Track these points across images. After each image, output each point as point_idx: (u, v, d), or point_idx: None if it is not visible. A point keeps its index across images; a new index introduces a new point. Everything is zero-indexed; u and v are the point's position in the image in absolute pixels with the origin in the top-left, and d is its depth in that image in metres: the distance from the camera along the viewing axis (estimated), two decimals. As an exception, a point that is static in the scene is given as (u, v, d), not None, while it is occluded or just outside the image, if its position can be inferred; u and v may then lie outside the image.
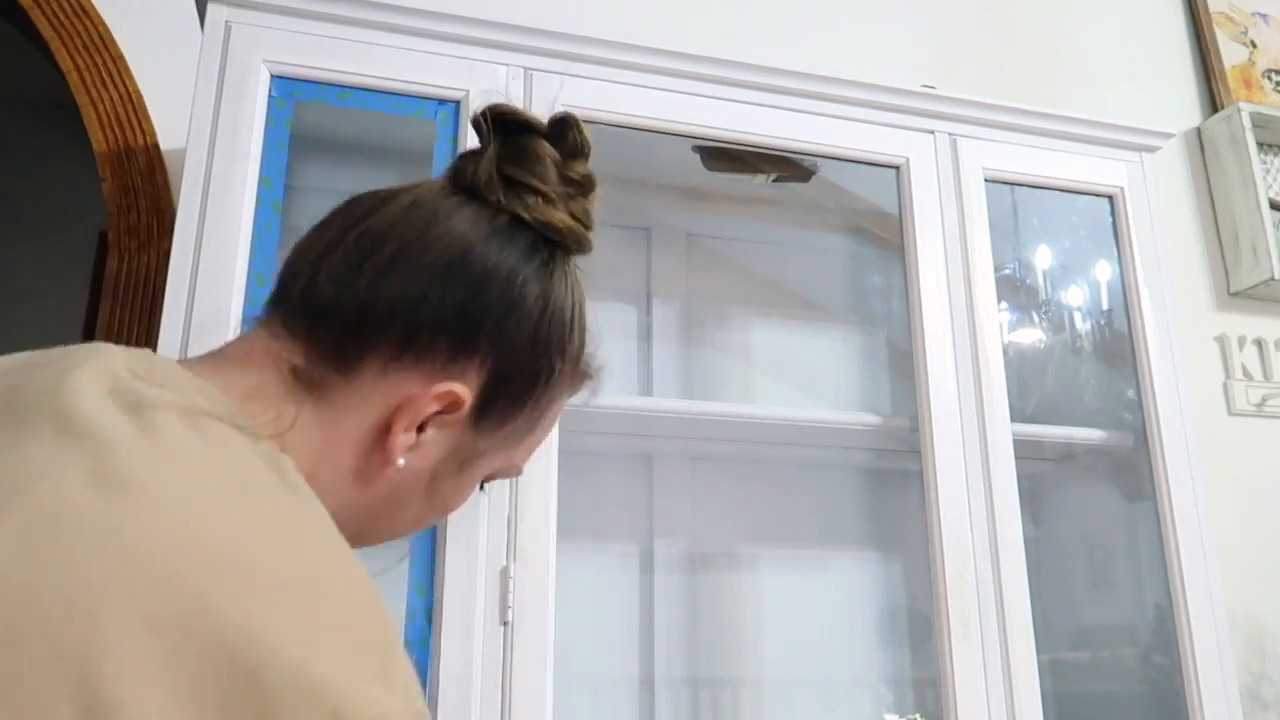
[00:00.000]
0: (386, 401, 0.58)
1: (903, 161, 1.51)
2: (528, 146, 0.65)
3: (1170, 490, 1.48)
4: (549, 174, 0.64)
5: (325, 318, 0.59)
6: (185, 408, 0.48)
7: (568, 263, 0.66)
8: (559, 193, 0.64)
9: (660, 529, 1.60)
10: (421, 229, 0.61)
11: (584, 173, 0.67)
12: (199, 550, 0.41)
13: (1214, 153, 2.17)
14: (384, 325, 0.58)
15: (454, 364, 0.59)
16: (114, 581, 0.39)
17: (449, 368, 0.59)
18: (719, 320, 1.75)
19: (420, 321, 0.59)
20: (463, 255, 0.60)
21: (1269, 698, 1.83)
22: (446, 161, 1.29)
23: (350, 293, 0.59)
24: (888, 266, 1.80)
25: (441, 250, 0.60)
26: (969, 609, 1.33)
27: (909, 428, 1.46)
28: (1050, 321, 1.79)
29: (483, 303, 0.60)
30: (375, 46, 1.30)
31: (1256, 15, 2.35)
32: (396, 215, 0.62)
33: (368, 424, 0.58)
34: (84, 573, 0.39)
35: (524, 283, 0.61)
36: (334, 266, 0.60)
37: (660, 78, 1.41)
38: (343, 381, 0.58)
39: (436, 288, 0.59)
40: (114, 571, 0.39)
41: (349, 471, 0.58)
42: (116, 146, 1.51)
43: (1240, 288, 2.08)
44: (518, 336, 0.61)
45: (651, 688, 1.53)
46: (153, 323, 1.43)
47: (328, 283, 0.60)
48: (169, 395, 0.49)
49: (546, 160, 0.65)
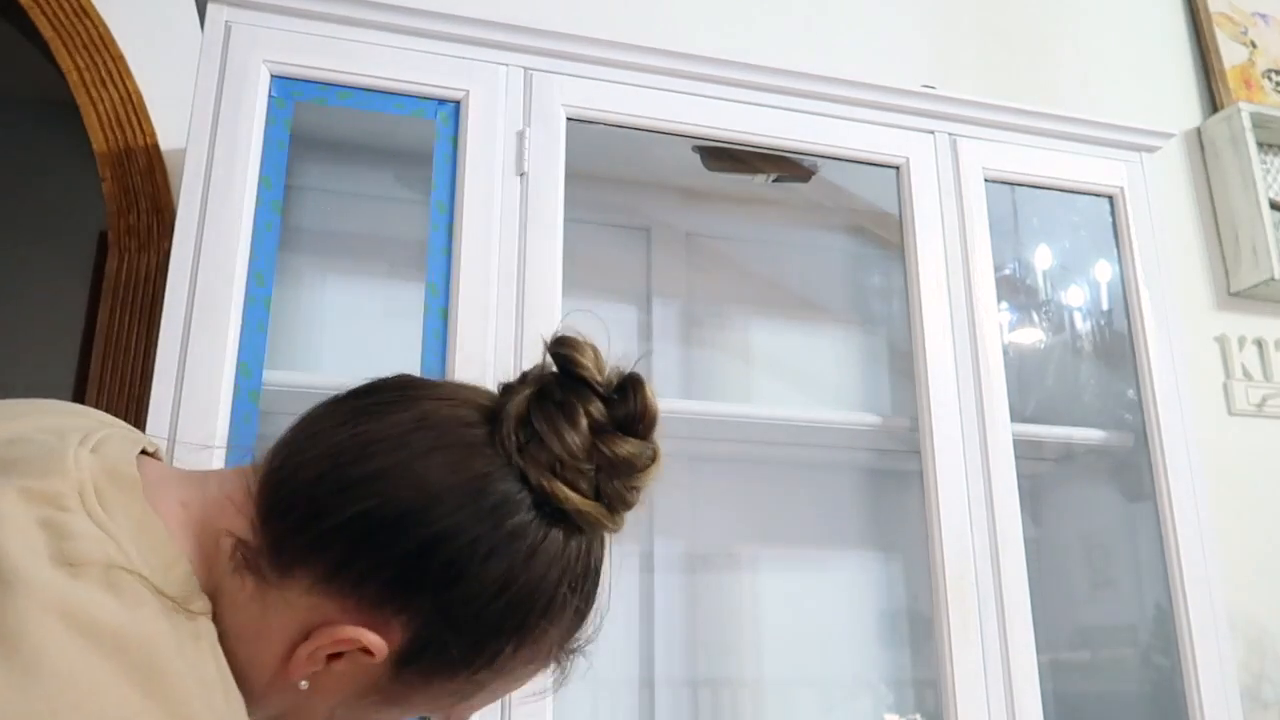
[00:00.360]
0: (308, 619, 0.54)
1: (903, 161, 1.51)
2: (568, 400, 0.57)
3: (1170, 490, 1.48)
4: (574, 442, 0.56)
5: (280, 508, 0.55)
6: (109, 564, 0.48)
7: (582, 539, 0.58)
8: (581, 466, 0.56)
9: (660, 529, 1.60)
10: (407, 459, 0.55)
11: (626, 453, 0.57)
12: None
13: (1214, 153, 2.17)
14: (325, 543, 0.54)
15: (379, 610, 0.54)
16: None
17: (376, 611, 0.54)
18: (719, 320, 1.75)
19: (358, 557, 0.54)
20: (425, 507, 0.54)
21: (1269, 698, 1.83)
22: (445, 163, 1.29)
23: (312, 495, 0.55)
24: (888, 266, 1.80)
25: (412, 490, 0.54)
26: (969, 609, 1.33)
27: (909, 428, 1.46)
28: (1050, 321, 1.79)
29: (425, 566, 0.54)
30: (375, 46, 1.30)
31: (1256, 15, 2.35)
32: (400, 429, 0.57)
33: (287, 632, 0.54)
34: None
35: (484, 557, 0.54)
36: (318, 460, 0.56)
37: (660, 78, 1.41)
38: (276, 578, 0.54)
39: (386, 532, 0.54)
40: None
41: (265, 666, 0.55)
42: (116, 146, 1.51)
43: (1240, 288, 2.08)
44: (457, 611, 0.55)
45: (651, 688, 1.53)
46: (153, 323, 1.43)
47: (303, 471, 0.56)
48: (97, 551, 0.48)
49: (581, 424, 0.56)
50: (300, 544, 0.54)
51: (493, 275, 1.26)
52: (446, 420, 0.57)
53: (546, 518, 0.56)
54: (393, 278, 1.54)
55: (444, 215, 1.28)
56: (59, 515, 0.49)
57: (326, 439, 0.57)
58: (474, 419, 0.57)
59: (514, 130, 1.32)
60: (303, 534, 0.55)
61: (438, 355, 1.22)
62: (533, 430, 0.56)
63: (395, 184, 1.56)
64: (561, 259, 1.29)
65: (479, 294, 1.24)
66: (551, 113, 1.34)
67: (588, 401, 0.57)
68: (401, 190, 1.56)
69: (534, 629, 0.57)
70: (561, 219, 1.31)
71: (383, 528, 0.54)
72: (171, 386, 1.11)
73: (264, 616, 0.54)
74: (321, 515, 0.54)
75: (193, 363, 1.12)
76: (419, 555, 0.54)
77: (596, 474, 0.57)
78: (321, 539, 0.54)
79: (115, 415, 0.65)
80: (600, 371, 0.58)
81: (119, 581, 0.48)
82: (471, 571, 0.54)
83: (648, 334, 1.69)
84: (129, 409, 1.41)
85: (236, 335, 1.15)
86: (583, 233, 1.43)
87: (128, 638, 0.46)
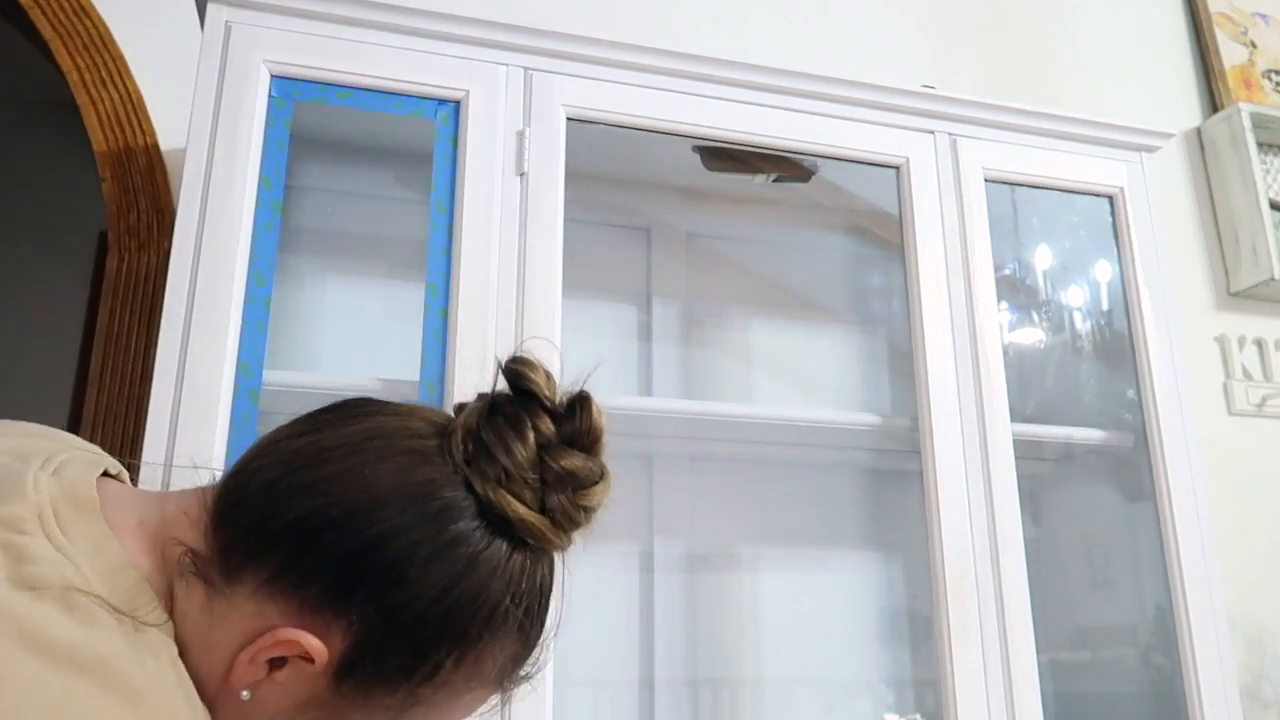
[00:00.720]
0: (251, 625, 0.55)
1: (903, 161, 1.51)
2: (517, 414, 0.58)
3: (1170, 490, 1.48)
4: (520, 454, 0.57)
5: (231, 513, 0.57)
6: (67, 587, 0.49)
7: (528, 554, 0.58)
8: (527, 478, 0.57)
9: (660, 529, 1.60)
10: (358, 464, 0.57)
11: (571, 466, 0.58)
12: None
13: (1214, 153, 2.17)
14: (272, 543, 0.55)
15: (321, 613, 0.55)
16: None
17: (317, 615, 0.55)
18: (719, 320, 1.75)
19: (303, 556, 0.55)
20: (370, 507, 0.55)
21: (1269, 698, 1.83)
22: (445, 163, 1.29)
23: (264, 498, 0.56)
24: (888, 266, 1.80)
25: (359, 492, 0.56)
26: (969, 609, 1.33)
27: (909, 428, 1.46)
28: (1050, 321, 1.79)
29: (366, 566, 0.55)
30: (375, 46, 1.30)
31: (1256, 15, 2.35)
32: (353, 438, 0.58)
33: (233, 640, 0.55)
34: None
35: (426, 560, 0.55)
36: (272, 467, 0.58)
37: (660, 78, 1.41)
38: (224, 586, 0.55)
39: (332, 531, 0.55)
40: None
41: (210, 677, 0.55)
42: (116, 146, 1.51)
43: (1240, 288, 2.08)
44: (397, 616, 0.55)
45: (651, 688, 1.53)
46: (153, 323, 1.43)
47: (257, 477, 0.57)
48: (55, 574, 0.49)
49: (528, 437, 0.58)
50: (248, 545, 0.56)
51: (493, 275, 1.26)
52: (398, 431, 0.59)
53: (490, 526, 0.57)
54: (393, 278, 1.54)
55: (444, 215, 1.28)
56: (18, 539, 0.50)
57: (282, 448, 0.59)
58: (427, 432, 0.59)
59: (514, 130, 1.32)
60: (251, 534, 0.56)
61: (438, 355, 1.22)
62: (481, 442, 0.58)
63: (395, 184, 1.56)
64: (561, 259, 1.29)
65: (479, 294, 1.24)
66: (551, 113, 1.34)
67: (536, 416, 0.59)
68: (401, 190, 1.56)
69: (475, 640, 0.57)
70: (561, 219, 1.31)
71: (329, 526, 0.55)
72: (171, 386, 1.11)
73: (211, 626, 0.55)
74: (271, 516, 0.56)
75: (193, 363, 1.12)
76: (361, 554, 0.55)
77: (543, 487, 0.58)
78: (269, 539, 0.55)
79: (115, 415, 0.66)
80: (551, 389, 0.60)
81: (76, 603, 0.49)
82: (412, 574, 0.55)
83: (648, 334, 1.69)
84: (129, 409, 1.41)
85: (236, 335, 1.15)
86: (583, 233, 1.43)
87: (85, 655, 0.47)
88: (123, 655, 0.49)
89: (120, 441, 1.38)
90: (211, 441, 1.10)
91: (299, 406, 0.62)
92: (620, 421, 1.52)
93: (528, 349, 0.62)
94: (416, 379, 1.21)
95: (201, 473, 1.05)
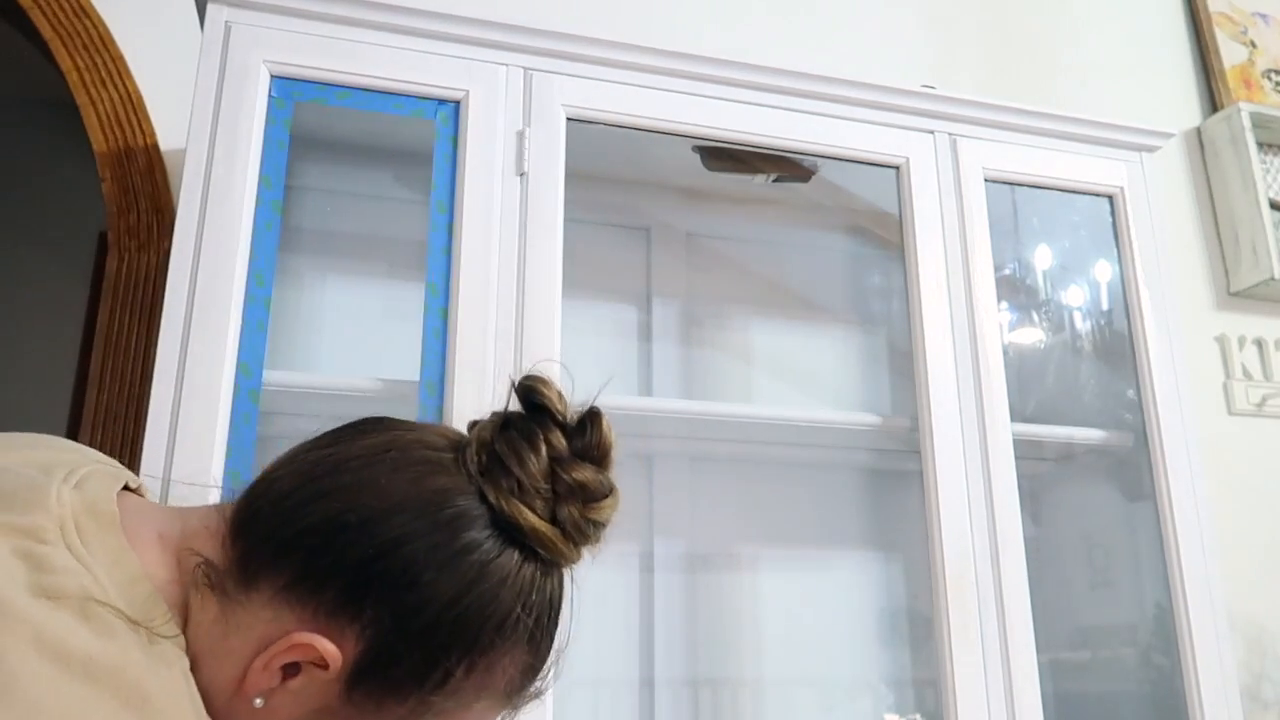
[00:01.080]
0: (266, 632, 0.56)
1: (903, 161, 1.51)
2: (530, 428, 0.60)
3: (1170, 490, 1.48)
4: (533, 465, 0.59)
5: (251, 522, 0.58)
6: (85, 597, 0.50)
7: (538, 566, 0.59)
8: (539, 489, 0.59)
9: (660, 529, 1.60)
10: (374, 474, 0.58)
11: (582, 479, 0.60)
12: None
13: (1214, 153, 2.17)
14: (288, 551, 0.57)
15: (335, 619, 0.56)
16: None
17: (332, 620, 0.56)
18: (719, 320, 1.75)
19: (319, 560, 0.56)
20: (386, 513, 0.57)
21: (1269, 698, 1.83)
22: (445, 163, 1.29)
23: (282, 506, 0.58)
24: (888, 266, 1.80)
25: (374, 499, 0.57)
26: (969, 609, 1.33)
27: (909, 428, 1.46)
28: (1050, 321, 1.79)
29: (381, 568, 0.56)
30: (375, 46, 1.30)
31: (1256, 15, 2.35)
32: (371, 450, 0.60)
33: (247, 648, 0.56)
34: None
35: (439, 566, 0.56)
36: (291, 477, 0.59)
37: (660, 78, 1.41)
38: (241, 594, 0.56)
39: (348, 535, 0.56)
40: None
41: (223, 687, 0.56)
42: (116, 146, 1.51)
43: (1240, 288, 2.08)
44: (410, 621, 0.56)
45: (651, 688, 1.53)
46: (153, 323, 1.43)
47: (276, 486, 0.60)
48: (73, 584, 0.50)
49: (541, 450, 0.60)
50: (267, 552, 0.57)
51: (493, 275, 1.26)
52: (414, 444, 0.61)
53: (502, 536, 0.58)
54: (393, 278, 1.54)
55: (444, 215, 1.28)
56: (39, 548, 0.51)
57: (301, 461, 0.61)
58: (442, 445, 0.61)
59: (514, 130, 1.32)
60: (270, 541, 0.57)
61: (438, 355, 1.22)
62: (495, 454, 0.60)
63: (395, 184, 1.56)
64: (561, 259, 1.29)
65: (479, 294, 1.24)
66: (551, 113, 1.34)
67: (549, 430, 0.61)
68: (401, 190, 1.56)
69: (486, 648, 0.58)
70: (561, 219, 1.31)
71: (344, 530, 0.57)
72: (171, 386, 1.11)
73: (226, 635, 0.56)
74: (289, 522, 0.58)
75: (193, 363, 1.12)
76: (375, 559, 0.56)
77: (554, 498, 0.59)
78: (287, 544, 0.57)
79: (115, 415, 0.67)
80: (562, 405, 0.62)
81: (94, 613, 0.50)
82: (425, 579, 0.56)
83: (648, 334, 1.69)
84: (129, 409, 1.41)
85: (236, 335, 1.15)
86: (583, 233, 1.43)
87: (101, 665, 0.48)
88: (138, 666, 0.50)
89: (120, 441, 1.38)
90: (212, 441, 1.10)
91: (299, 406, 0.62)
92: (620, 421, 1.51)
93: (540, 369, 0.64)
94: (416, 379, 1.21)
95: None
